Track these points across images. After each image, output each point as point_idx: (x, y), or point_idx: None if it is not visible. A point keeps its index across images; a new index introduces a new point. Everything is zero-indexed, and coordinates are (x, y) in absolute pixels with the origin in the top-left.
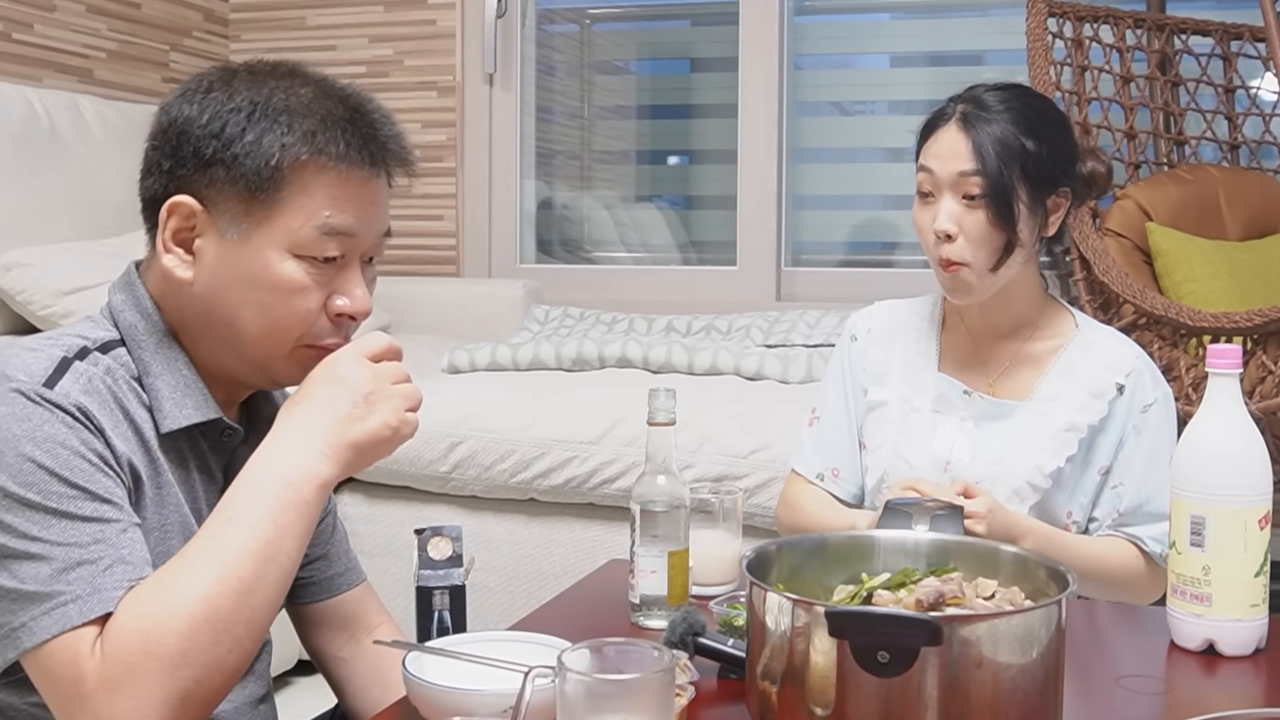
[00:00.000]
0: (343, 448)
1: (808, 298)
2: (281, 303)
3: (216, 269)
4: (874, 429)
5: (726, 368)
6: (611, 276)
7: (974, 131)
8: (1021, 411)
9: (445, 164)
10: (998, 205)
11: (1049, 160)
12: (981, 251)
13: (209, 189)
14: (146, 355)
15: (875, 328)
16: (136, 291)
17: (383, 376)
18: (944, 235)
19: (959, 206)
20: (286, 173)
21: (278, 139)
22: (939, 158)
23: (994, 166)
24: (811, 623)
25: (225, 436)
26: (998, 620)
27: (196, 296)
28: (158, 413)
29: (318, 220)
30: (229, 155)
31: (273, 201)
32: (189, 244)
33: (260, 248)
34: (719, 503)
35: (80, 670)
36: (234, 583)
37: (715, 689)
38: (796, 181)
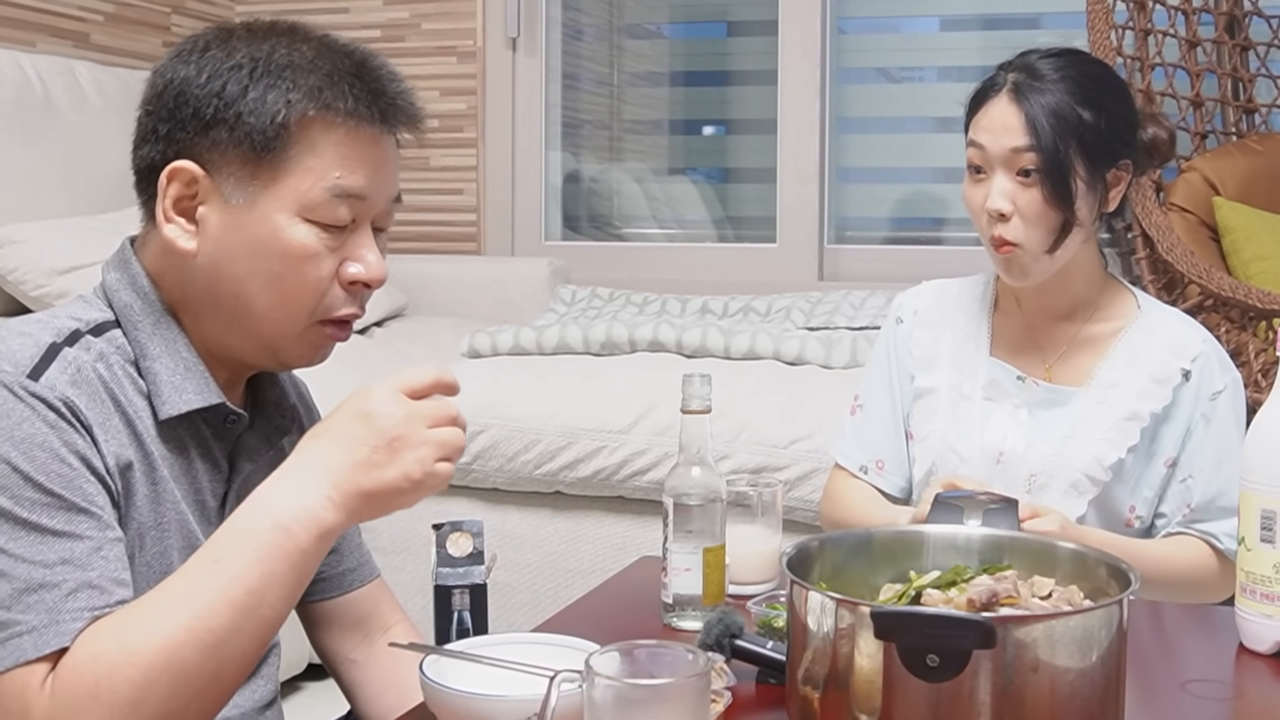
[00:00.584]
0: (353, 496)
1: (852, 277)
2: (292, 271)
3: (222, 237)
4: (921, 418)
5: (765, 352)
6: (642, 254)
7: (1027, 103)
8: (1079, 398)
9: (465, 134)
10: (1053, 182)
11: (1108, 131)
12: (1037, 231)
13: (211, 152)
14: (143, 337)
15: (922, 309)
16: (132, 269)
17: (417, 418)
18: (997, 215)
19: (1012, 184)
20: (293, 131)
21: (282, 95)
22: (990, 132)
23: (1049, 141)
24: (856, 624)
25: (229, 423)
26: (1055, 621)
27: (201, 269)
28: (156, 398)
29: (328, 181)
30: (231, 114)
31: (279, 162)
32: (191, 213)
33: (268, 212)
34: (757, 496)
35: (27, 706)
36: (202, 633)
37: (753, 695)
38: (840, 153)
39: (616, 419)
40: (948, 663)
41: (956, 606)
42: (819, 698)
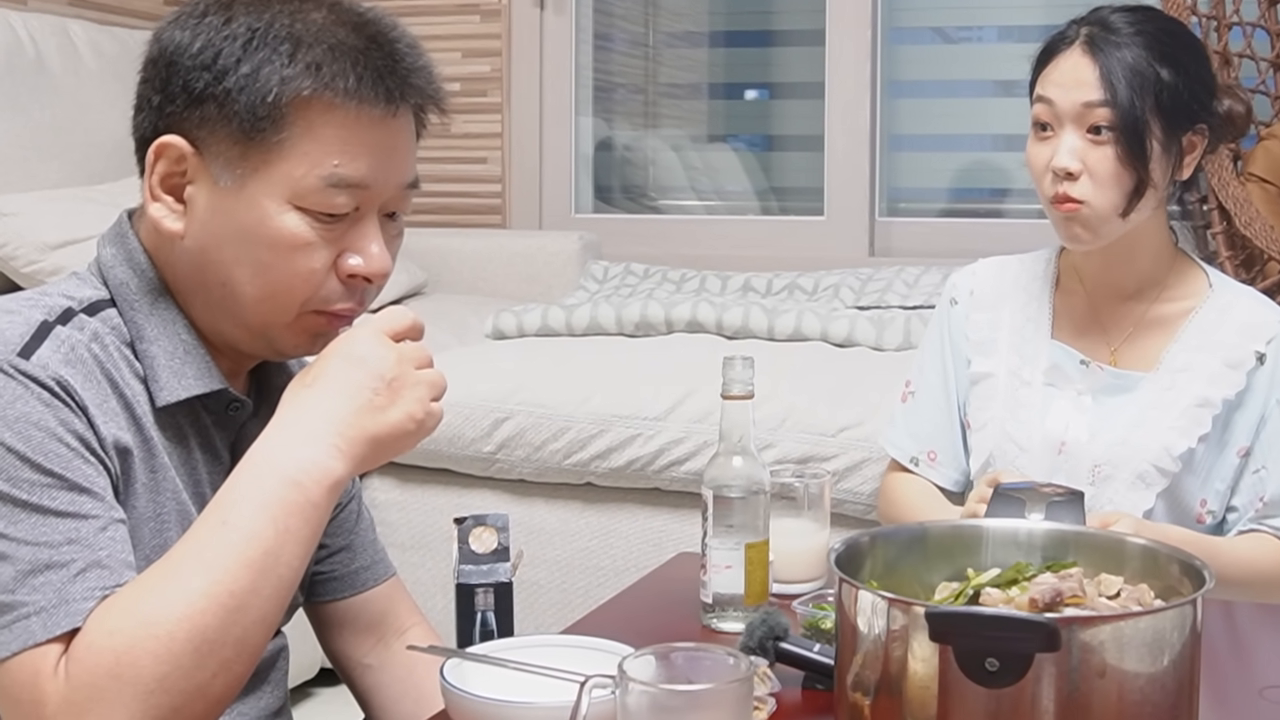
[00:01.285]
0: (360, 441)
1: (905, 252)
2: (281, 261)
3: (209, 220)
4: (978, 406)
5: (812, 332)
6: (680, 228)
7: (1102, 56)
8: (1147, 384)
9: (489, 99)
10: (1129, 140)
11: (1185, 92)
12: (1108, 193)
13: (200, 129)
14: (140, 318)
15: (979, 289)
16: (129, 244)
17: (407, 359)
18: (1064, 173)
19: (1082, 141)
20: (287, 111)
21: (277, 71)
22: (1060, 86)
23: (1125, 96)
24: (910, 625)
25: (231, 410)
26: (1124, 622)
27: (188, 251)
28: (153, 383)
29: (323, 170)
30: (221, 90)
31: (272, 144)
32: (179, 191)
33: (256, 197)
34: (804, 487)
35: (41, 693)
36: (224, 597)
37: (799, 701)
38: (893, 119)
39: (652, 405)
40: (1008, 667)
41: (1017, 607)
42: (870, 705)
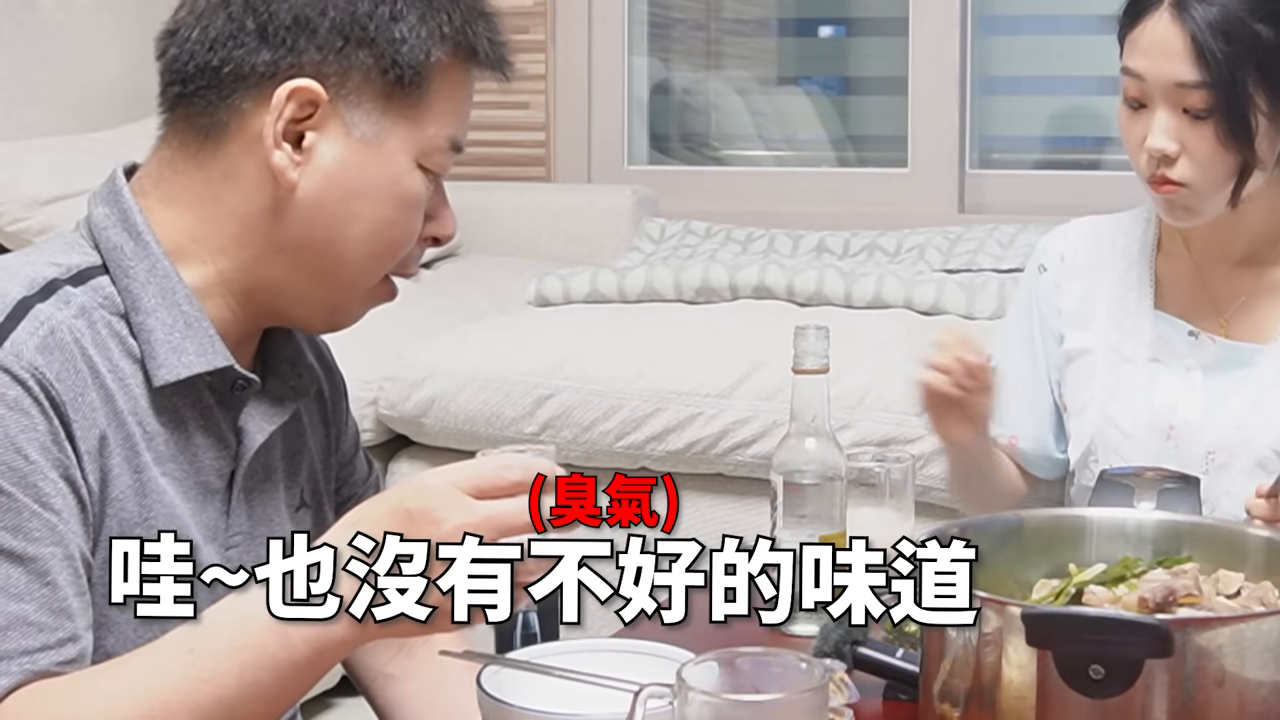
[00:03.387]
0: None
1: (999, 208)
2: (402, 219)
3: (335, 172)
4: (1075, 386)
5: (895, 299)
6: (746, 181)
7: (1193, 22)
8: (1264, 358)
9: (533, 36)
10: (1231, 122)
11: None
12: (1209, 173)
13: (343, 76)
14: (135, 286)
15: (1070, 254)
16: (124, 202)
17: (469, 529)
18: (1160, 155)
19: (1178, 120)
20: (434, 69)
21: (436, 29)
22: (1148, 57)
23: (1224, 74)
24: (1005, 628)
25: (237, 388)
26: (1246, 624)
27: (299, 204)
28: (150, 360)
29: (450, 130)
30: (383, 39)
31: (416, 101)
32: (297, 139)
33: (394, 153)
34: (884, 473)
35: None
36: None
37: (879, 713)
38: (985, 59)
39: (714, 381)
40: (1114, 675)
41: (1125, 607)
42: (959, 716)
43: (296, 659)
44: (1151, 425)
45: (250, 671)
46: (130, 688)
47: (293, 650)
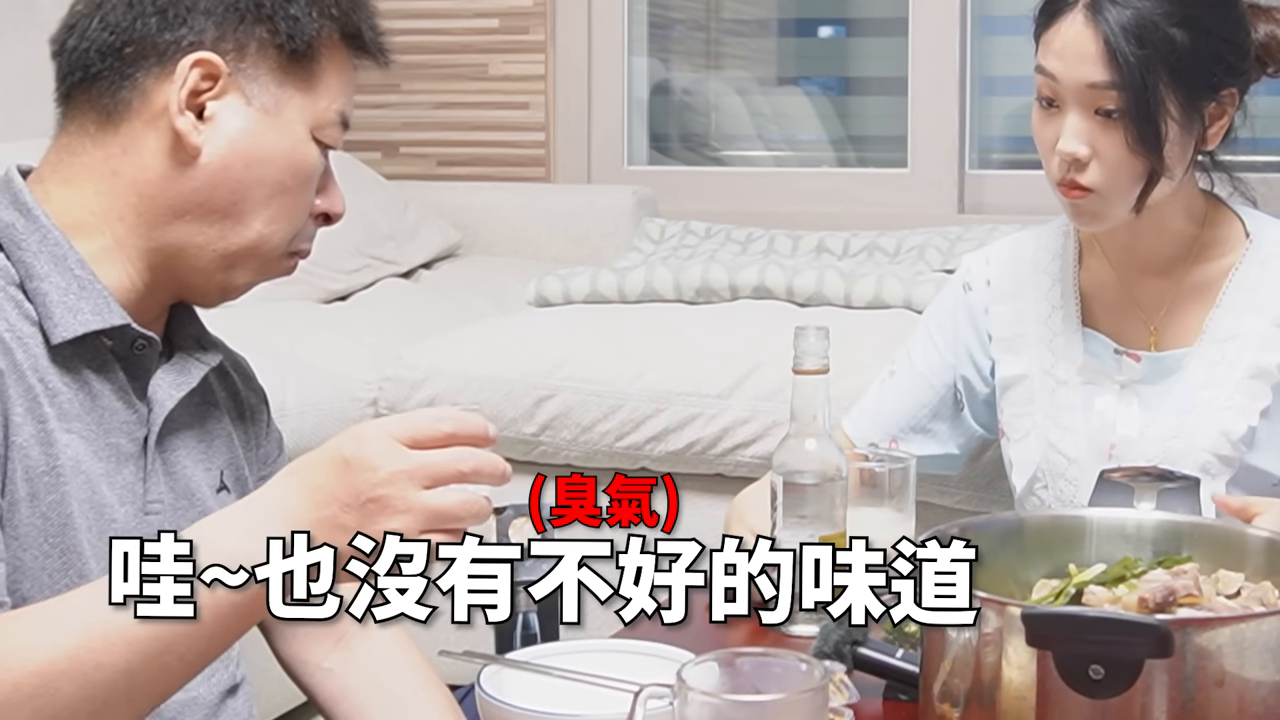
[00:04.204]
0: None
1: (999, 208)
2: (298, 186)
3: (238, 139)
4: (1015, 413)
5: (895, 299)
6: (746, 182)
7: (1105, 24)
8: (1192, 359)
9: (532, 37)
10: (1140, 125)
11: (1206, 55)
12: (1118, 179)
13: (240, 49)
14: (28, 256)
15: (996, 279)
16: (14, 186)
17: (407, 477)
18: (1070, 159)
19: (1089, 123)
20: (324, 46)
21: (327, 8)
22: (1061, 58)
23: (1134, 77)
24: (1004, 628)
25: (138, 348)
26: (1245, 625)
27: (203, 169)
28: (46, 321)
29: (339, 104)
30: (280, 15)
31: (309, 74)
32: (200, 109)
33: (292, 123)
34: (885, 473)
35: None
36: (88, 666)
37: (879, 713)
38: (985, 59)
39: (714, 381)
40: (1114, 675)
41: (1125, 607)
42: (959, 717)
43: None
44: (1093, 446)
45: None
46: (69, 620)
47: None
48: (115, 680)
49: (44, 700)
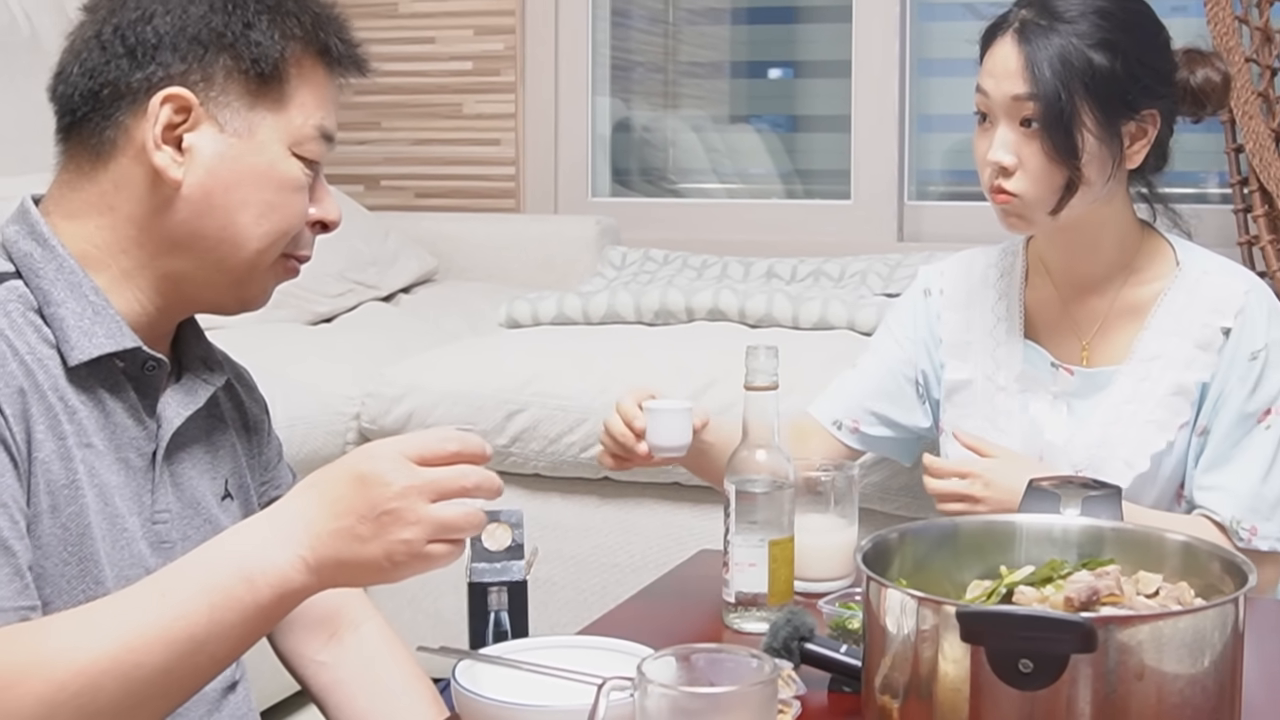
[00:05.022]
0: (328, 563)
1: (936, 237)
2: (285, 202)
3: (216, 166)
4: (958, 414)
5: (839, 321)
6: (701, 212)
7: (1030, 46)
8: (1120, 377)
9: (503, 78)
10: (1055, 136)
11: (1126, 78)
12: (1040, 186)
13: (208, 80)
14: (45, 284)
15: (950, 289)
16: (30, 218)
17: (416, 492)
18: (998, 168)
19: (1015, 134)
20: (291, 66)
21: (288, 30)
22: (993, 76)
23: (1050, 89)
24: (940, 625)
25: (148, 369)
26: (1163, 622)
27: (186, 199)
28: (64, 344)
29: (316, 119)
30: (240, 43)
31: (278, 94)
32: (177, 141)
33: (267, 142)
34: (830, 482)
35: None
36: (129, 666)
37: (825, 705)
38: (923, 98)
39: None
40: (1043, 668)
41: (1052, 606)
42: (898, 708)
43: (261, 601)
44: (1025, 449)
45: (219, 610)
46: (111, 622)
47: (258, 593)
48: (154, 678)
49: (88, 698)
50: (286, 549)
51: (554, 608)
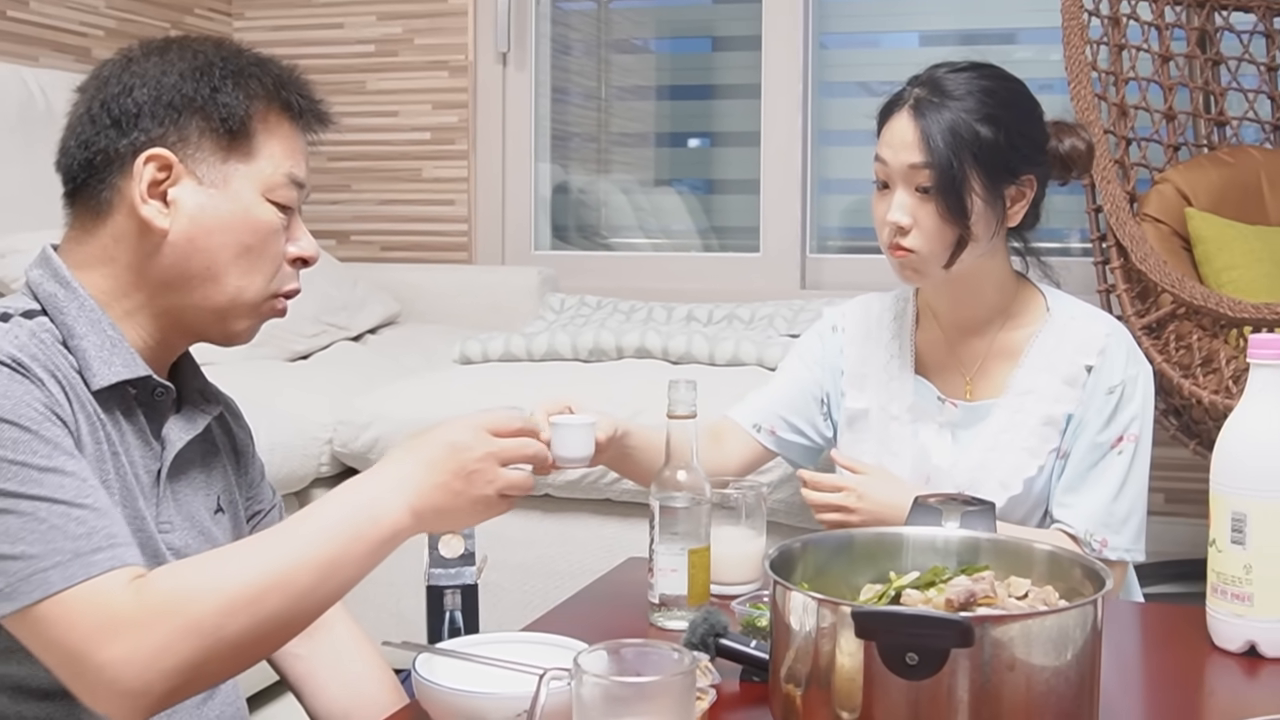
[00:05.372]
0: (429, 510)
1: (833, 285)
2: (261, 244)
3: (197, 215)
4: (855, 439)
5: (749, 358)
6: (629, 264)
7: (924, 120)
8: (998, 409)
9: (457, 147)
10: (947, 199)
11: (1007, 148)
12: (933, 243)
13: (184, 139)
14: (69, 320)
15: (851, 328)
16: (53, 264)
17: (493, 458)
18: (896, 228)
19: (912, 198)
20: (257, 121)
21: (252, 90)
22: (891, 147)
23: (943, 158)
24: (837, 623)
25: (157, 395)
26: (1031, 621)
27: (172, 245)
28: (86, 372)
29: (285, 168)
30: (209, 106)
31: (247, 147)
32: (162, 195)
33: (240, 191)
34: (741, 498)
35: (112, 608)
36: (289, 585)
37: (737, 692)
38: (822, 164)
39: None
40: (927, 661)
41: (935, 606)
42: (801, 695)
43: (381, 535)
44: (914, 471)
45: (351, 537)
46: (269, 550)
47: (380, 529)
48: (306, 595)
49: (256, 609)
50: (399, 498)
51: (502, 608)
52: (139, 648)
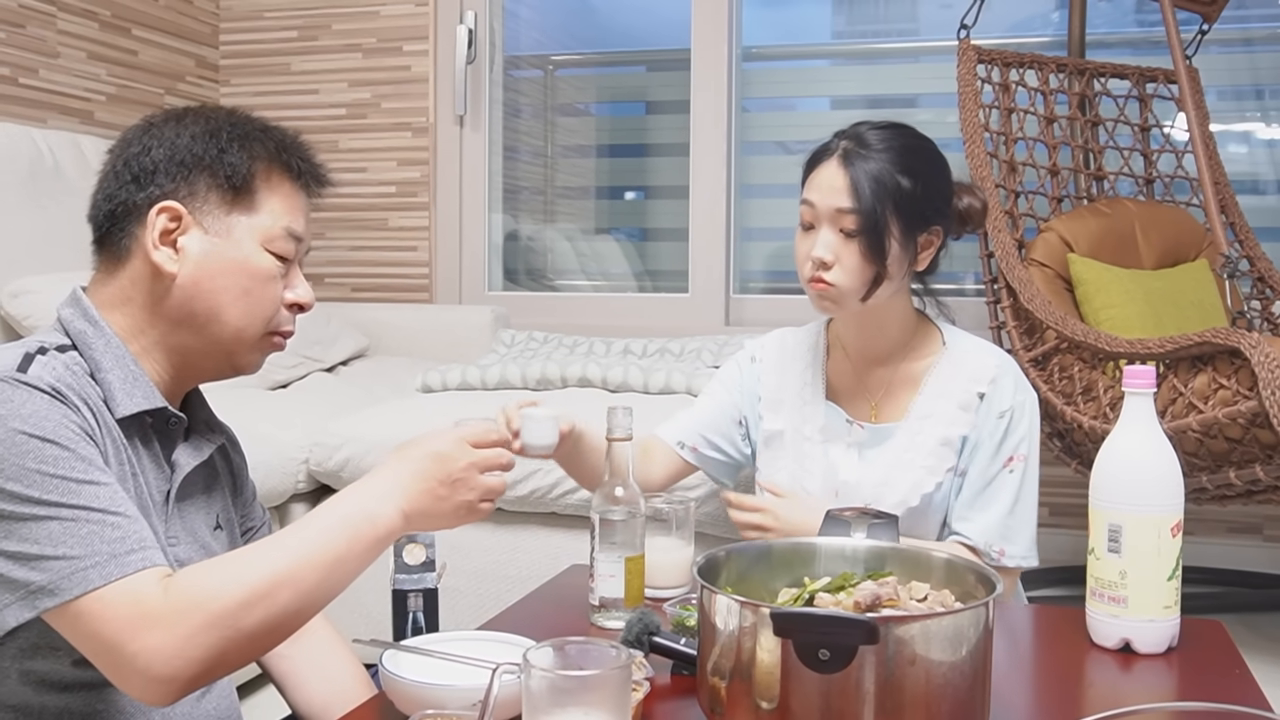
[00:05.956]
0: (417, 513)
1: (754, 322)
2: (259, 288)
3: (203, 260)
4: (771, 457)
5: (679, 387)
6: (573, 303)
7: (853, 168)
8: (900, 432)
9: (419, 199)
10: (870, 240)
11: (923, 199)
12: (853, 280)
13: (192, 193)
14: (96, 354)
15: (768, 358)
16: (82, 304)
17: (474, 467)
18: (820, 263)
19: (836, 238)
20: (259, 179)
21: (255, 152)
22: (819, 191)
23: (869, 203)
24: (758, 623)
25: (171, 424)
26: (930, 621)
27: (180, 288)
28: (111, 402)
29: (284, 222)
30: (216, 164)
31: (249, 201)
32: (173, 243)
33: (241, 240)
34: (672, 512)
35: (144, 603)
36: (298, 582)
37: (669, 684)
38: (744, 215)
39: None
40: (837, 657)
41: (845, 608)
42: (725, 687)
43: (377, 534)
44: (825, 486)
45: (352, 540)
46: (275, 552)
47: (376, 528)
48: (314, 589)
49: (270, 602)
50: (390, 502)
51: (459, 609)
52: (168, 639)
